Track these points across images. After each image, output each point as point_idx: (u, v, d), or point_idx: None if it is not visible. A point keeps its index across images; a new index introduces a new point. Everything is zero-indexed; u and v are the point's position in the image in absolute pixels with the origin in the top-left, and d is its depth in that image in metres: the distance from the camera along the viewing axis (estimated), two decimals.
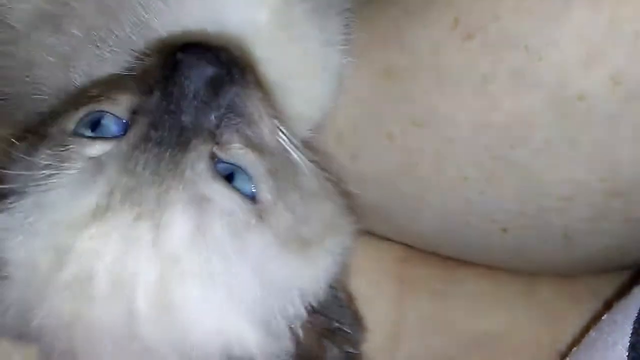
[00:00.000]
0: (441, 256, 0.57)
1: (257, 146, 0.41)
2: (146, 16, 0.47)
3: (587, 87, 0.43)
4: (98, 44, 0.49)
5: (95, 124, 0.41)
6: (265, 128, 0.42)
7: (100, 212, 0.37)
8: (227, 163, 0.40)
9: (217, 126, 0.40)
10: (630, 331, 0.41)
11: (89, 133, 0.40)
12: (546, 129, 0.45)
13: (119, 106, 0.41)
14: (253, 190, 0.40)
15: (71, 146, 0.39)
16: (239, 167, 0.40)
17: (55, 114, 0.44)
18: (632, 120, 0.43)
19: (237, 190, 0.39)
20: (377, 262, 0.58)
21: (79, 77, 0.49)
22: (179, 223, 0.37)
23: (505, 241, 0.51)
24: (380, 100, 0.51)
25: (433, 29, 0.47)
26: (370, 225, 0.55)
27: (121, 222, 0.37)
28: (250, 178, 0.40)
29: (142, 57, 0.44)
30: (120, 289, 0.37)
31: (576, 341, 0.51)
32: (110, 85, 0.43)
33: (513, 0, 0.44)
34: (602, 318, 0.45)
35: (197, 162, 0.39)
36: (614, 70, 0.42)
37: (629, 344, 0.40)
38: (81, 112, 0.41)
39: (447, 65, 0.47)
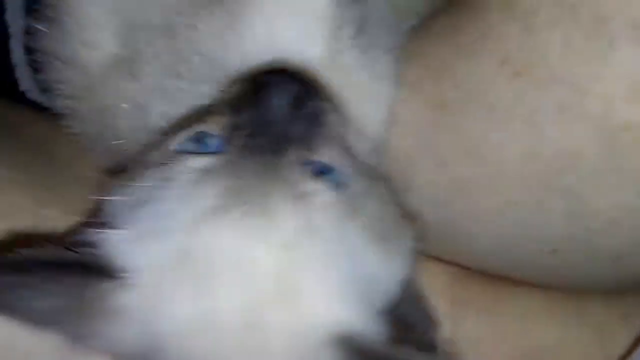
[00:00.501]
0: (492, 275, 0.60)
1: (340, 147, 0.47)
2: (217, 54, 0.52)
3: (631, 118, 0.45)
4: (173, 83, 0.54)
5: (195, 144, 0.46)
6: (342, 125, 0.48)
7: (214, 212, 0.42)
8: (318, 164, 0.45)
9: (305, 133, 0.45)
10: None
11: (192, 149, 0.45)
12: (593, 157, 0.47)
13: (214, 126, 0.46)
14: (345, 182, 0.45)
15: (178, 162, 0.44)
16: (329, 166, 0.45)
17: (148, 146, 0.49)
18: None
19: (332, 184, 0.44)
20: (428, 283, 0.61)
21: (155, 120, 0.54)
22: (288, 215, 0.42)
23: (555, 262, 0.54)
24: (433, 132, 0.54)
25: (483, 66, 0.50)
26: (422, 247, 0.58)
27: (235, 219, 0.41)
28: (340, 175, 0.45)
29: (222, 89, 0.49)
30: (242, 278, 0.41)
31: (626, 356, 0.53)
32: (199, 113, 0.49)
33: (561, 41, 0.46)
34: None
35: (293, 164, 0.44)
36: None
37: None
38: (181, 135, 0.46)
39: (496, 100, 0.50)
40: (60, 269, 0.42)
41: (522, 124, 0.49)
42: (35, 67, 0.70)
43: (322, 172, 0.45)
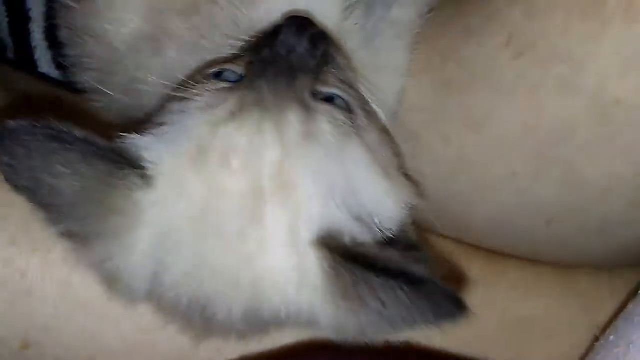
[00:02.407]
0: (486, 250, 0.64)
1: (347, 84, 0.53)
2: (235, 28, 0.57)
3: (622, 93, 0.50)
4: (194, 57, 0.57)
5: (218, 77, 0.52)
6: (352, 75, 0.54)
7: (233, 115, 0.48)
8: (326, 92, 0.51)
9: (316, 68, 0.52)
10: None
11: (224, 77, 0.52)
12: (587, 129, 0.52)
13: (236, 65, 0.52)
14: (349, 110, 0.51)
15: (201, 83, 0.51)
16: (336, 95, 0.52)
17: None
18: None
19: (336, 108, 0.51)
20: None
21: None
22: (294, 121, 0.49)
23: (549, 233, 0.58)
24: (438, 109, 0.58)
25: (488, 47, 0.55)
26: (423, 220, 0.61)
27: (251, 121, 0.48)
28: (344, 103, 0.52)
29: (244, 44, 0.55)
30: (250, 169, 0.47)
31: (607, 325, 0.56)
32: (223, 58, 0.55)
33: (560, 22, 0.51)
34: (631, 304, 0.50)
35: (304, 87, 0.50)
36: None
37: None
38: (205, 72, 0.52)
39: (499, 78, 0.54)
40: (94, 153, 0.47)
41: (524, 99, 0.53)
42: (57, 45, 0.74)
43: (328, 99, 0.51)
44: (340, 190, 0.48)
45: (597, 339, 0.53)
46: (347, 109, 0.51)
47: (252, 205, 0.47)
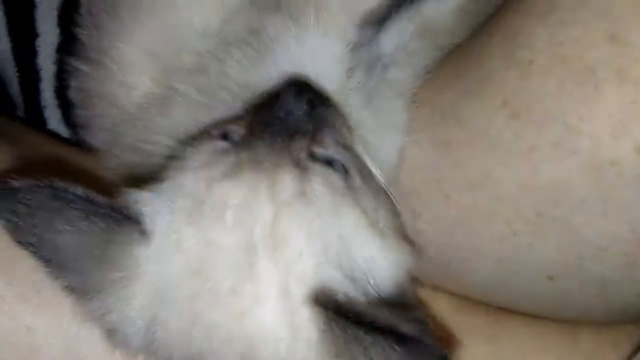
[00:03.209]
0: (490, 306, 0.65)
1: (344, 146, 0.55)
2: (241, 88, 0.59)
3: (616, 155, 0.51)
4: (202, 115, 0.59)
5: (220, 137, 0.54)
6: (349, 138, 0.56)
7: (229, 173, 0.50)
8: (322, 154, 0.53)
9: (314, 130, 0.54)
10: None
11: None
12: (583, 189, 0.53)
13: (237, 126, 0.55)
14: (345, 173, 0.53)
15: (202, 142, 0.53)
16: (331, 157, 0.53)
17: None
18: None
19: (334, 170, 0.52)
20: (431, 310, 0.65)
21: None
22: (288, 180, 0.50)
23: (550, 289, 0.59)
24: (438, 167, 0.60)
25: (485, 108, 0.57)
26: (426, 277, 0.62)
27: (246, 178, 0.50)
28: (340, 165, 0.53)
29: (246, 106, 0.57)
30: (243, 225, 0.49)
31: None
32: (225, 119, 0.57)
33: (554, 86, 0.53)
34: None
35: (300, 148, 0.52)
36: (637, 140, 0.50)
37: None
38: (214, 130, 0.54)
39: (496, 138, 0.56)
40: (94, 211, 0.49)
41: (520, 159, 0.55)
42: (67, 104, 0.76)
43: (324, 160, 0.53)
44: (333, 249, 0.50)
45: None
46: (343, 171, 0.53)
47: (245, 260, 0.49)
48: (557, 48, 0.53)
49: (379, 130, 0.61)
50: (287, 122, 0.53)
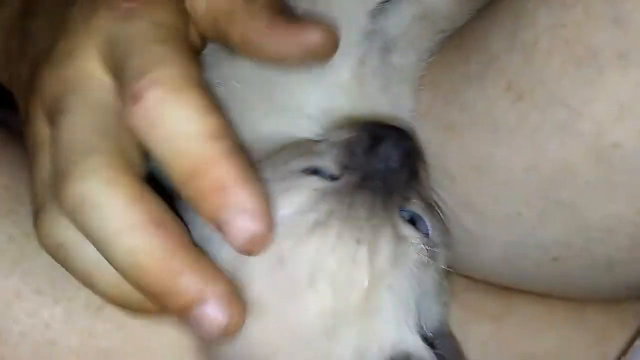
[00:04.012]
0: (498, 286, 0.65)
1: (426, 202, 0.54)
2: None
3: (620, 137, 0.51)
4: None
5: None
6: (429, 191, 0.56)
7: (320, 227, 0.48)
8: (412, 212, 0.52)
9: (406, 185, 0.52)
10: None
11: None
12: (587, 172, 0.53)
13: (329, 162, 0.52)
14: (429, 232, 0.52)
15: (298, 179, 0.50)
16: (419, 217, 0.52)
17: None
18: None
19: (421, 232, 0.51)
20: None
21: None
22: (386, 246, 0.49)
23: (556, 270, 0.59)
24: (443, 151, 0.60)
25: (489, 92, 0.56)
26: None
27: (343, 240, 0.48)
28: (425, 226, 0.52)
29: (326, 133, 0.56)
30: (338, 291, 0.47)
31: (620, 356, 0.57)
32: (312, 147, 0.54)
33: (557, 67, 0.52)
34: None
35: (395, 208, 0.51)
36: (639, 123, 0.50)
37: None
38: (302, 163, 0.51)
39: (501, 121, 0.56)
40: None
41: (524, 141, 0.55)
42: None
43: (413, 220, 0.52)
44: (413, 314, 0.50)
45: None
46: (426, 232, 0.52)
47: (331, 325, 0.47)
48: (560, 30, 0.52)
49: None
50: (386, 176, 0.51)
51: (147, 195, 0.44)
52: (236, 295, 0.44)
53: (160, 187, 0.47)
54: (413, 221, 0.52)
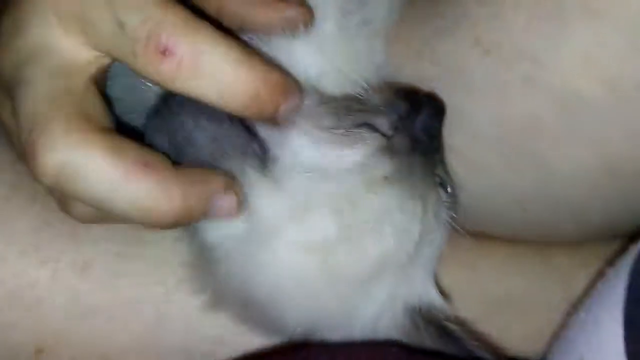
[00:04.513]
0: (468, 232, 0.68)
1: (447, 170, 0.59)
2: None
3: (583, 88, 0.53)
4: None
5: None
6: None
7: (388, 182, 0.52)
8: (442, 176, 0.57)
9: (439, 150, 0.57)
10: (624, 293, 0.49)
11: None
12: (553, 123, 0.55)
13: (382, 122, 0.55)
14: (454, 194, 0.58)
15: (360, 132, 0.54)
16: (446, 179, 0.58)
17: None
18: (622, 115, 0.53)
19: (449, 194, 0.57)
20: None
21: None
22: (434, 203, 0.55)
23: (525, 218, 0.62)
24: None
25: (458, 46, 0.58)
26: None
27: (405, 195, 0.53)
28: (451, 188, 0.58)
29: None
30: (399, 239, 0.52)
31: (582, 303, 0.60)
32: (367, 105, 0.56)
33: (523, 21, 0.54)
34: (599, 282, 0.53)
35: (436, 169, 0.56)
36: (603, 75, 0.52)
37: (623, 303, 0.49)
38: (359, 118, 0.54)
39: (470, 75, 0.57)
40: None
41: (493, 95, 0.57)
42: None
43: (443, 182, 0.57)
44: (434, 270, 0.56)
45: (570, 314, 0.57)
46: (452, 195, 0.57)
47: (380, 270, 0.52)
48: None
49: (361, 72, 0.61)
50: (430, 143, 0.55)
51: (121, 143, 0.45)
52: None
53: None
54: (443, 184, 0.57)
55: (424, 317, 0.55)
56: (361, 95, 0.56)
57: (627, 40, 0.51)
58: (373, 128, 0.54)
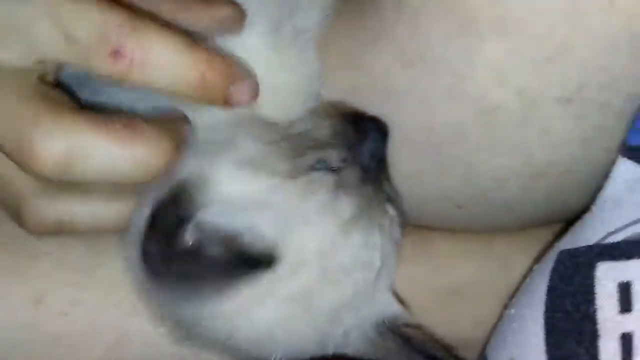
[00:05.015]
0: (419, 225, 0.70)
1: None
2: None
3: (501, 99, 0.54)
4: None
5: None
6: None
7: (350, 223, 0.55)
8: (390, 193, 0.60)
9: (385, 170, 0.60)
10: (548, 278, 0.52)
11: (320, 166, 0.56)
12: (476, 131, 0.57)
13: (332, 156, 0.57)
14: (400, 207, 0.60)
15: (313, 176, 0.55)
16: (392, 196, 0.60)
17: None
18: (537, 121, 0.55)
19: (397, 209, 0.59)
20: None
21: None
22: (389, 233, 0.58)
23: (461, 214, 0.64)
24: None
25: (382, 57, 0.59)
26: None
27: (364, 229, 0.55)
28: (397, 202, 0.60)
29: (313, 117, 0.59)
30: (366, 270, 0.56)
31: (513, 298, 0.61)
32: (313, 141, 0.58)
33: (441, 36, 0.55)
34: (528, 278, 0.56)
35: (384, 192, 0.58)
36: (518, 86, 0.54)
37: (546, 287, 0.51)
38: (310, 159, 0.56)
39: (395, 86, 0.58)
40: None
41: (417, 105, 0.58)
42: None
43: (390, 198, 0.59)
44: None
45: (505, 306, 0.59)
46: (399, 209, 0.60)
47: (351, 302, 0.56)
48: None
49: (296, 86, 0.61)
50: (378, 167, 0.58)
51: (101, 116, 0.49)
52: None
53: None
54: (390, 199, 0.60)
55: (389, 328, 0.59)
56: (304, 123, 0.58)
57: (536, 52, 0.52)
58: (325, 164, 0.56)
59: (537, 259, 0.62)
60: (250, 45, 0.58)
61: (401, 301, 0.61)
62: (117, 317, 0.62)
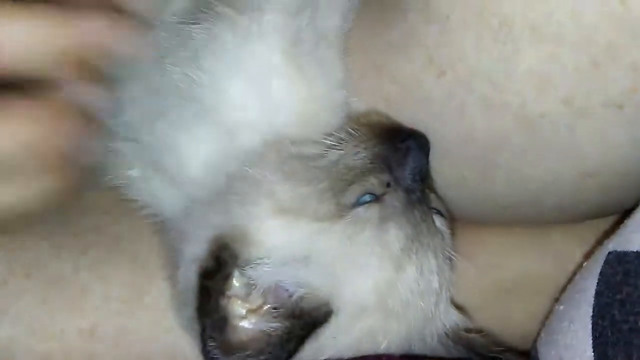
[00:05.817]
0: (471, 222, 0.67)
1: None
2: None
3: (544, 108, 0.52)
4: None
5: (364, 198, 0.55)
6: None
7: (403, 253, 0.54)
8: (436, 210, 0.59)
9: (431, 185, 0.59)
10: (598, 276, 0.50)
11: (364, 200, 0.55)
12: (519, 139, 0.54)
13: (375, 185, 0.55)
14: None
15: (357, 214, 0.54)
16: (439, 211, 0.59)
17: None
18: (587, 127, 0.52)
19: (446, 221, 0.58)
20: None
21: None
22: (443, 253, 0.57)
23: (509, 214, 0.62)
24: None
25: (413, 65, 0.56)
26: None
27: (419, 257, 0.55)
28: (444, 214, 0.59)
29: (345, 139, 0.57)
30: (427, 295, 0.55)
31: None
32: (352, 172, 0.56)
33: (473, 42, 0.52)
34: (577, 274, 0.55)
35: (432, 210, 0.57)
36: (563, 94, 0.51)
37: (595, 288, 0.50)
38: (352, 192, 0.55)
39: (428, 95, 0.56)
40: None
41: (454, 114, 0.55)
42: None
43: (439, 212, 0.58)
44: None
45: (556, 300, 0.57)
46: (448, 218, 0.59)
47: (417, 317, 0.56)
48: (471, 2, 0.51)
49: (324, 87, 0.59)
50: (423, 186, 0.56)
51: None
52: None
53: None
54: (438, 211, 0.59)
55: (452, 338, 0.58)
56: (337, 149, 0.56)
57: (577, 59, 0.49)
58: (369, 195, 0.54)
59: (587, 255, 0.60)
60: (270, 66, 0.56)
61: (457, 306, 0.61)
62: (168, 343, 0.63)
